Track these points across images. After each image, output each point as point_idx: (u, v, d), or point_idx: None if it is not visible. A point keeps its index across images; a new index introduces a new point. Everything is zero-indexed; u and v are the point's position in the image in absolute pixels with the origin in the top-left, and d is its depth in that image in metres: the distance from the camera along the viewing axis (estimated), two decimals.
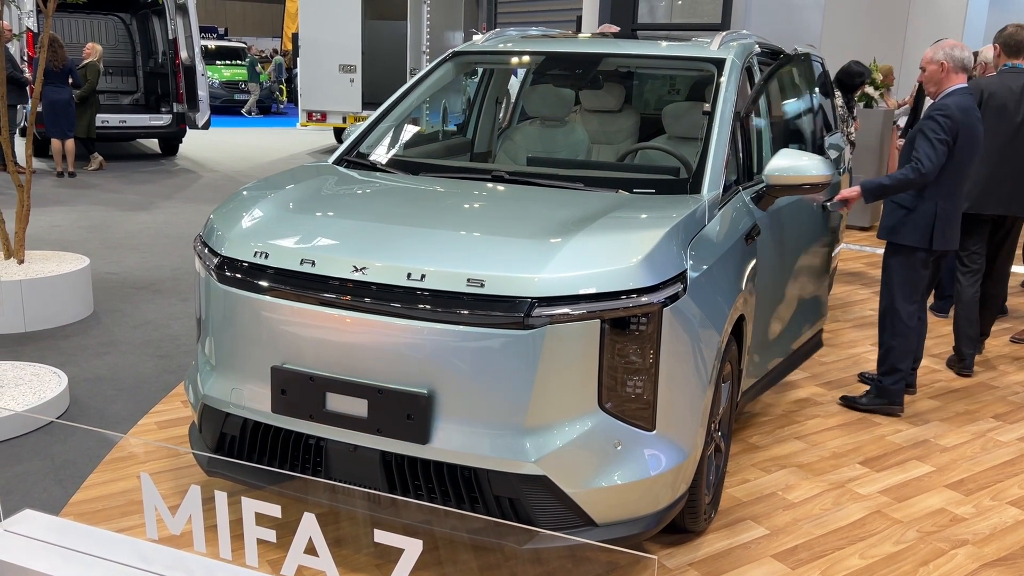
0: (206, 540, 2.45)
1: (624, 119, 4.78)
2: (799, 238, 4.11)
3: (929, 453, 3.89)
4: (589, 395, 2.52)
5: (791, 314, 4.12)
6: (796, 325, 4.23)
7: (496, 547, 2.84)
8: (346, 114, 14.82)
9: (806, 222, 4.22)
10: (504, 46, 4.28)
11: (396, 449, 2.60)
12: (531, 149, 4.58)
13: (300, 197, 3.17)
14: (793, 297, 4.09)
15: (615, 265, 2.52)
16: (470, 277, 2.50)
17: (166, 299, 5.93)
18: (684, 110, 4.35)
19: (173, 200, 9.86)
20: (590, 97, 4.64)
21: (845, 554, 3.07)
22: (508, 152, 4.69)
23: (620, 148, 4.72)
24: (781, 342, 4.02)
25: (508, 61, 4.60)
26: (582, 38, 4.84)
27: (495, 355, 2.47)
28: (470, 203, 3.18)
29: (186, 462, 3.54)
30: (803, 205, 4.08)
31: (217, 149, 14.76)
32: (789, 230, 3.90)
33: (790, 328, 4.13)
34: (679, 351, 2.62)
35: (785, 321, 4.04)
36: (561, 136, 4.64)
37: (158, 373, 4.57)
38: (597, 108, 4.70)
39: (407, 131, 4.32)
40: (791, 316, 4.13)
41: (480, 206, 3.15)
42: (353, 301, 2.58)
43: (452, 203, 3.17)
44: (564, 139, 4.62)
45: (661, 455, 2.63)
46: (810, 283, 4.41)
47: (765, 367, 3.83)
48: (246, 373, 2.79)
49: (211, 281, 2.86)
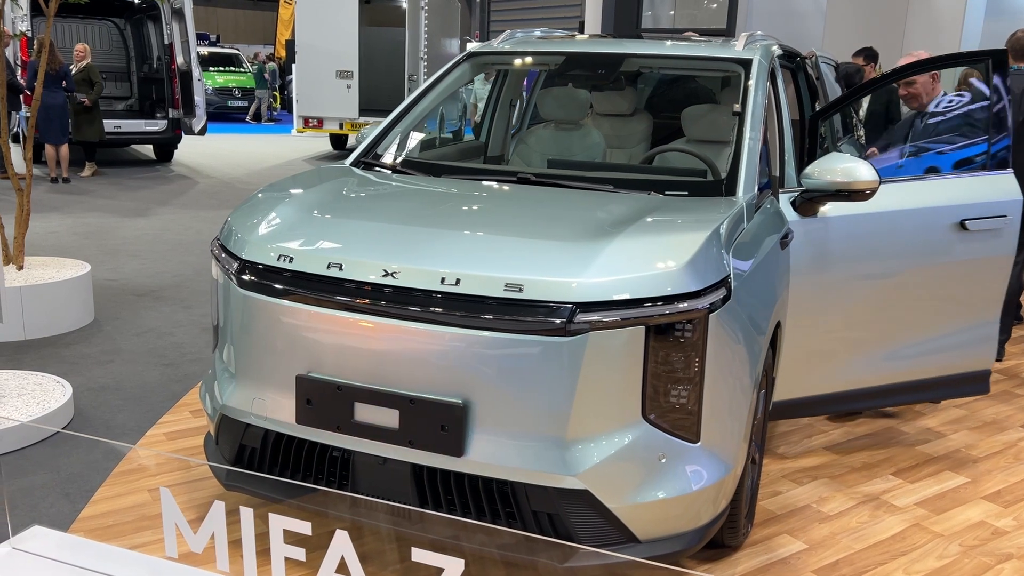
0: (229, 559, 2.31)
1: (637, 123, 4.69)
2: (907, 253, 3.60)
3: (962, 464, 3.79)
4: (632, 405, 2.41)
5: (887, 336, 3.65)
6: (906, 350, 3.69)
7: (532, 565, 2.71)
8: (343, 120, 14.72)
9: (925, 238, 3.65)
10: (522, 47, 4.18)
11: (429, 462, 2.48)
12: (546, 152, 4.48)
13: (322, 199, 3.05)
14: (894, 318, 3.62)
15: (659, 269, 2.41)
16: (508, 282, 2.38)
17: (168, 306, 5.79)
18: (704, 113, 4.25)
19: (170, 206, 9.72)
20: (602, 100, 4.54)
21: (888, 570, 2.96)
22: (522, 155, 4.59)
23: (633, 152, 4.63)
24: (859, 364, 3.63)
25: (526, 62, 4.50)
26: (600, 39, 4.74)
27: (534, 363, 2.36)
28: (500, 205, 3.06)
29: (199, 475, 3.41)
30: (925, 219, 3.58)
31: (212, 156, 14.61)
32: (887, 241, 3.55)
33: (886, 351, 3.66)
34: (724, 359, 2.51)
35: (869, 342, 3.63)
36: (576, 139, 4.54)
37: (164, 382, 4.43)
38: (610, 112, 4.60)
39: (422, 134, 4.21)
40: (889, 338, 3.66)
41: (511, 208, 3.03)
42: (383, 307, 2.46)
43: (482, 205, 3.06)
44: (580, 142, 4.52)
45: (705, 469, 2.51)
46: (935, 307, 3.69)
47: (821, 384, 3.59)
48: (269, 382, 2.67)
49: (231, 286, 2.73)
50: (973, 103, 4.16)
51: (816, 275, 3.39)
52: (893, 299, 3.57)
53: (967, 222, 3.53)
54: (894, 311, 3.56)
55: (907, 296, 3.58)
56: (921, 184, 3.67)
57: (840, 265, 3.46)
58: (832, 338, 3.52)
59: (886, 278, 3.55)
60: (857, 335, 3.56)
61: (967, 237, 3.55)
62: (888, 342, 3.59)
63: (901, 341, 3.61)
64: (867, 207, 3.38)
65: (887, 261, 3.54)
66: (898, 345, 3.60)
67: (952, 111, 4.25)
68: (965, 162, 4.00)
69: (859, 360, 3.58)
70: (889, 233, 3.52)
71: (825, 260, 3.43)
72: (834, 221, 3.41)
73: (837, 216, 3.41)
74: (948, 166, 4.07)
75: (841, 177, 3.19)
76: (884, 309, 3.55)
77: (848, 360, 3.54)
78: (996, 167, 3.68)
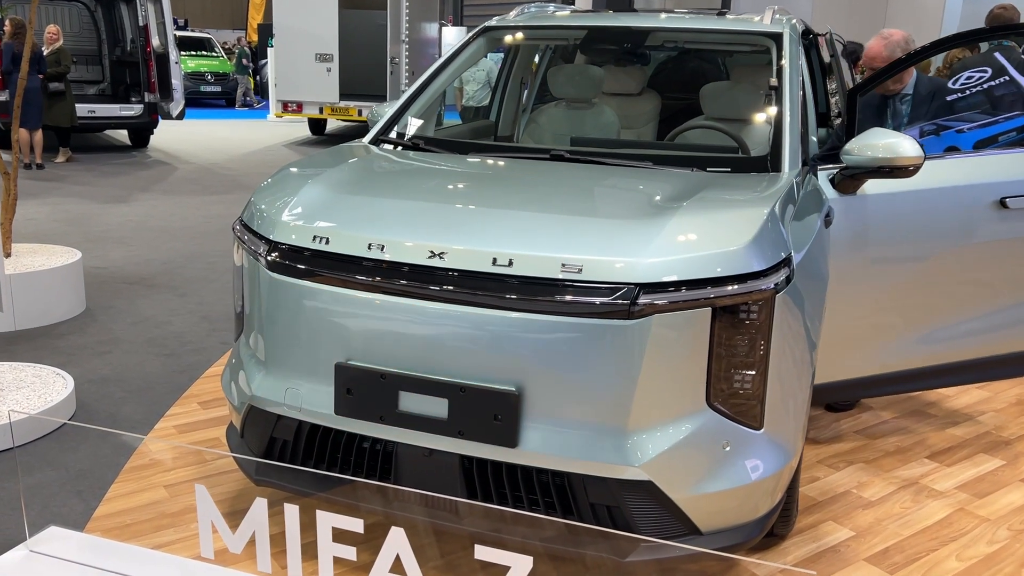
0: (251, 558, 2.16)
1: (645, 102, 4.57)
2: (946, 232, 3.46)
3: (995, 446, 3.73)
4: (697, 391, 2.29)
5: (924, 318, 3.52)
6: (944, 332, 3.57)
7: (591, 560, 2.59)
8: (323, 104, 14.46)
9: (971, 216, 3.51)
10: (538, 21, 4.03)
11: (479, 453, 2.35)
12: (558, 132, 4.34)
13: (353, 177, 2.89)
14: (932, 300, 3.50)
15: (723, 248, 2.29)
16: (565, 262, 2.24)
17: (162, 294, 5.58)
18: (723, 90, 4.14)
19: (151, 192, 9.45)
20: (610, 80, 4.40)
21: (940, 556, 2.88)
22: (533, 135, 4.45)
23: (642, 132, 4.51)
24: (895, 346, 3.49)
25: (544, 36, 4.35)
26: (620, 13, 4.60)
27: (594, 348, 2.23)
28: (544, 183, 2.92)
29: (215, 469, 3.25)
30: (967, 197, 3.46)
31: (189, 141, 14.28)
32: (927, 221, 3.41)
33: (928, 331, 3.53)
34: (787, 342, 2.40)
35: (915, 321, 3.50)
36: (590, 118, 4.40)
37: (167, 373, 4.25)
38: (618, 91, 4.47)
39: (433, 111, 4.06)
40: (932, 318, 3.53)
41: (556, 186, 2.89)
42: (430, 290, 2.31)
43: (524, 183, 2.91)
44: (593, 121, 4.38)
45: (767, 457, 2.40)
46: (974, 288, 3.57)
47: (858, 367, 3.45)
48: (303, 371, 2.51)
49: (260, 270, 2.57)
50: (994, 79, 4.05)
51: (855, 255, 3.29)
52: (931, 280, 3.48)
53: (1008, 200, 3.44)
54: (932, 292, 3.48)
55: (945, 277, 3.49)
56: (959, 161, 3.58)
57: (878, 244, 3.36)
58: (868, 321, 3.43)
59: (924, 258, 3.45)
60: (894, 317, 3.47)
61: (1008, 216, 3.46)
62: (925, 324, 3.51)
63: (939, 323, 3.52)
64: (906, 184, 3.28)
65: (925, 241, 3.45)
66: (936, 327, 3.52)
67: (972, 87, 4.15)
68: (991, 140, 3.92)
69: (896, 343, 3.49)
70: (928, 212, 3.43)
71: (864, 239, 3.33)
72: (873, 199, 3.31)
73: (876, 194, 3.31)
74: (969, 145, 3.98)
75: (883, 153, 3.07)
76: (922, 290, 3.46)
77: (884, 343, 3.45)
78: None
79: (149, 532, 2.85)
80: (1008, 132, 3.87)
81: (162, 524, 2.90)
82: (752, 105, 3.98)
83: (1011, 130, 3.86)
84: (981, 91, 4.16)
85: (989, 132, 3.96)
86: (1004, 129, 3.87)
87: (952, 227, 3.47)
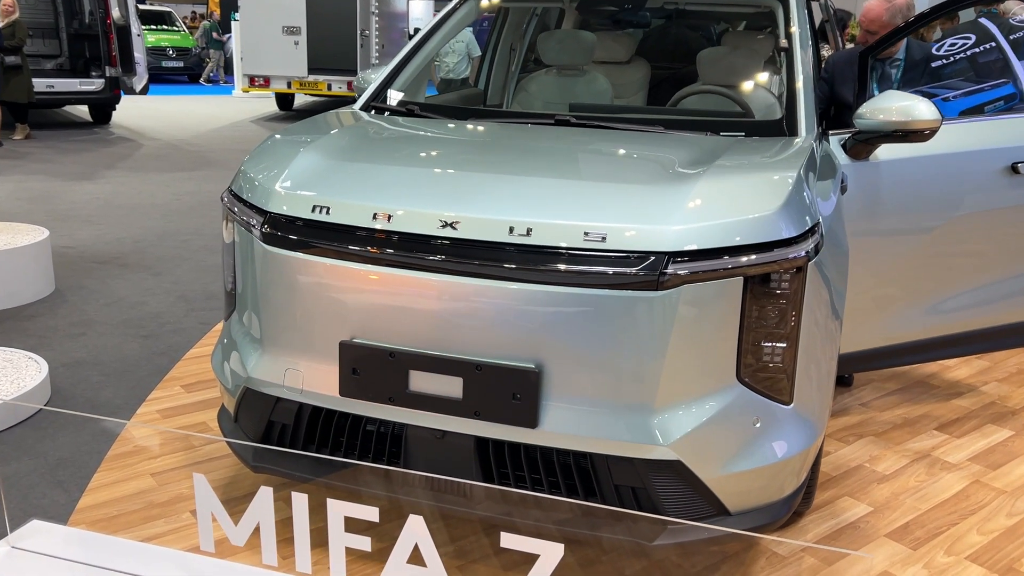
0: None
1: (634, 70, 4.44)
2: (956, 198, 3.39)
3: (1002, 417, 3.68)
4: (727, 365, 2.17)
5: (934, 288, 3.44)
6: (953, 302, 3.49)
7: (612, 543, 2.48)
8: (291, 79, 14.10)
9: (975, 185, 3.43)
10: None
11: (497, 434, 2.21)
12: (549, 99, 4.19)
13: (352, 143, 2.72)
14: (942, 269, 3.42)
15: (754, 213, 2.16)
16: (588, 230, 2.10)
17: (135, 274, 5.36)
18: (722, 55, 4.01)
19: (117, 170, 9.13)
20: (599, 47, 4.25)
21: (961, 530, 2.81)
22: (523, 104, 4.29)
23: (633, 100, 4.38)
24: (906, 316, 3.41)
25: None
26: None
27: (619, 321, 2.09)
28: (556, 147, 2.77)
29: (205, 454, 3.08)
30: (969, 165, 3.37)
31: (152, 117, 13.88)
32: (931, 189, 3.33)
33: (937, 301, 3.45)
34: (817, 312, 2.29)
35: (925, 293, 3.42)
36: (582, 85, 4.25)
37: (146, 355, 4.05)
38: (606, 59, 4.33)
39: (424, 77, 3.88)
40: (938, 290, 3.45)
41: (570, 151, 2.74)
42: (443, 262, 2.16)
43: (536, 148, 2.76)
44: (585, 88, 4.24)
45: (796, 433, 2.29)
46: (985, 256, 3.47)
47: (867, 339, 3.36)
48: (304, 350, 2.36)
49: (254, 243, 2.40)
50: (978, 46, 3.94)
51: (867, 222, 3.19)
52: (941, 248, 3.39)
53: (1019, 165, 3.36)
54: (941, 261, 3.39)
55: (956, 245, 3.40)
56: (968, 126, 3.49)
57: (890, 211, 3.27)
58: (878, 291, 3.34)
59: (935, 226, 3.36)
60: (904, 287, 3.38)
61: (1019, 181, 3.38)
62: (935, 294, 3.42)
63: (948, 293, 3.44)
64: (917, 150, 3.19)
65: (936, 207, 3.36)
66: (945, 297, 3.44)
67: (956, 54, 4.03)
68: (977, 109, 3.82)
69: (906, 313, 3.40)
70: (938, 178, 3.34)
71: (876, 206, 3.23)
72: (885, 165, 3.21)
73: (888, 160, 3.21)
74: (955, 113, 3.89)
75: (897, 116, 2.96)
76: (931, 259, 3.37)
77: (895, 313, 3.36)
78: None
79: (138, 524, 2.69)
80: (995, 101, 3.78)
81: (151, 515, 2.74)
82: (753, 69, 3.86)
83: (998, 99, 3.77)
84: (965, 58, 4.06)
85: (975, 101, 3.86)
86: (990, 98, 3.78)
87: (962, 194, 3.39)
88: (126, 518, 2.71)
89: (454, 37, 6.07)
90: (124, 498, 2.83)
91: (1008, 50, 3.87)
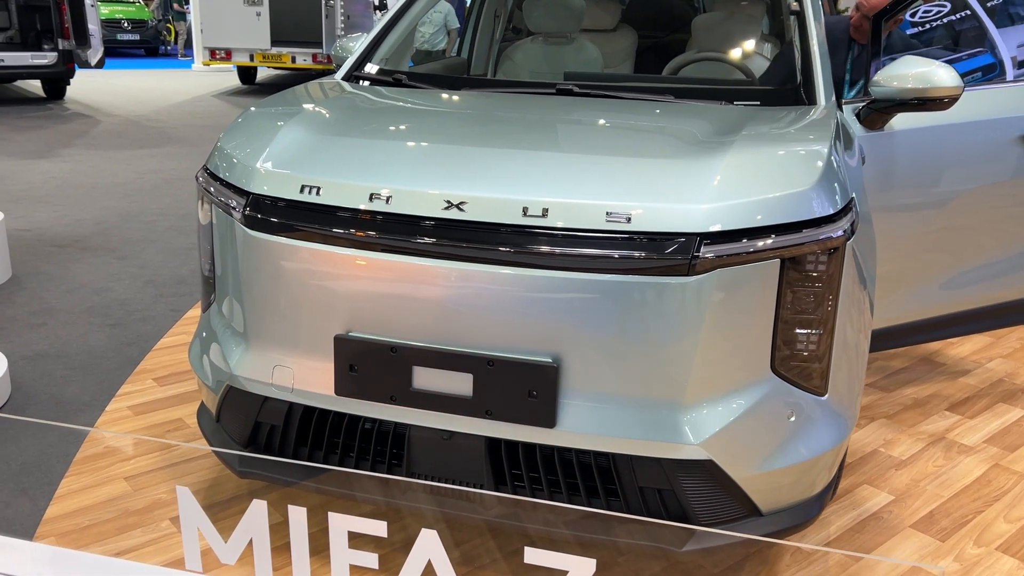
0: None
1: (621, 39, 4.25)
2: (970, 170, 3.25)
3: (1012, 395, 3.57)
4: (762, 356, 2.00)
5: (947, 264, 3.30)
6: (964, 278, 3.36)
7: (654, 552, 2.31)
8: (253, 51, 13.67)
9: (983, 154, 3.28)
10: None
11: (512, 435, 2.02)
12: (536, 69, 3.99)
13: (340, 116, 2.49)
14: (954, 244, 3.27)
15: (790, 189, 1.98)
16: (611, 210, 1.91)
17: (98, 257, 5.07)
18: (718, 21, 3.82)
19: (74, 147, 8.74)
20: (585, 15, 4.05)
21: (988, 518, 2.68)
22: (508, 73, 4.09)
23: (620, 69, 4.19)
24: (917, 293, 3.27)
25: None
26: None
27: (646, 310, 1.91)
28: (565, 119, 2.56)
29: (183, 455, 2.86)
30: (974, 135, 3.21)
31: (109, 92, 13.38)
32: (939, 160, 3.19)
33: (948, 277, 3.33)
34: (852, 296, 2.13)
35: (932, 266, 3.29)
36: (570, 54, 4.05)
37: (114, 346, 3.80)
38: (592, 27, 4.13)
39: (408, 45, 3.65)
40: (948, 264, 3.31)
41: (580, 123, 2.53)
42: (449, 247, 1.95)
43: (543, 120, 2.54)
44: (574, 57, 4.04)
45: (830, 426, 2.13)
46: (996, 230, 3.33)
47: (880, 318, 3.17)
48: (295, 346, 2.14)
49: (235, 227, 2.17)
50: (954, 13, 3.78)
51: (882, 195, 3.03)
52: (954, 222, 3.25)
53: None
54: (958, 235, 3.25)
55: (968, 218, 3.26)
56: (979, 93, 3.33)
57: (904, 184, 3.11)
58: (893, 267, 3.19)
59: (949, 198, 3.22)
60: (920, 262, 3.23)
61: None
62: (952, 269, 3.28)
63: (965, 267, 3.31)
64: (932, 119, 3.03)
65: (950, 179, 3.21)
66: (962, 271, 3.30)
67: (932, 21, 3.88)
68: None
69: (916, 291, 3.26)
70: (952, 148, 3.18)
71: (890, 178, 3.07)
72: (900, 135, 3.05)
73: (902, 130, 3.05)
74: None
75: (915, 83, 2.78)
76: (948, 232, 3.23)
77: (905, 292, 3.22)
78: None
79: (113, 535, 2.46)
80: (973, 72, 3.63)
81: (127, 524, 2.52)
82: (752, 35, 3.68)
83: (974, 70, 3.63)
84: (941, 25, 3.91)
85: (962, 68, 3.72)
86: (968, 69, 3.63)
87: (976, 165, 3.24)
88: (99, 529, 2.49)
89: (433, 7, 5.78)
90: (96, 506, 2.60)
91: (984, 17, 3.71)
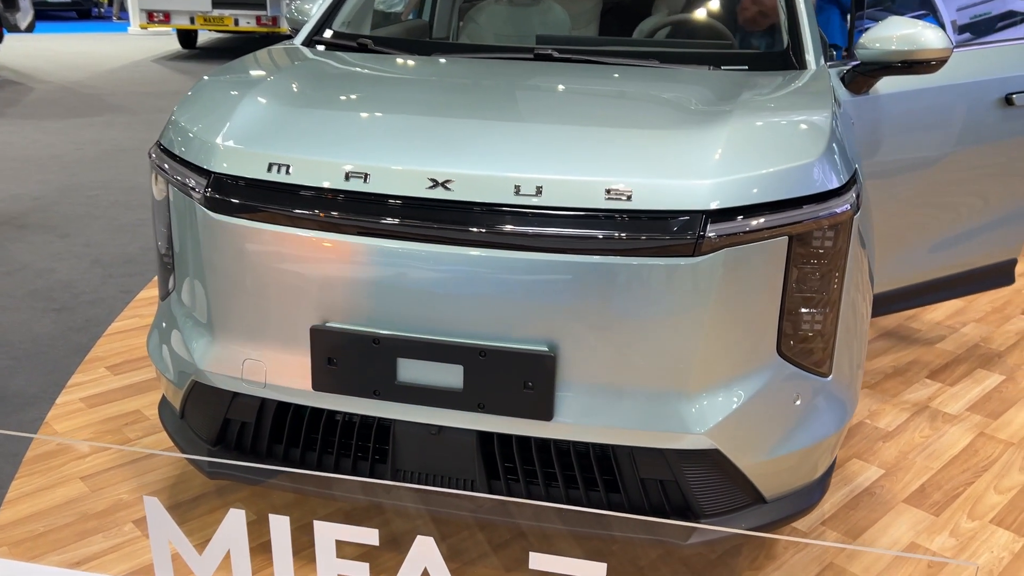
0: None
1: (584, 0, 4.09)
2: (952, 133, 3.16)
3: (989, 360, 3.55)
4: (767, 339, 1.90)
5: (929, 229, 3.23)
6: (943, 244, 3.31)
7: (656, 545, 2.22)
8: (194, 14, 13.11)
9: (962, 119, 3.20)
10: None
11: (506, 429, 1.90)
12: (501, 32, 3.81)
13: (306, 86, 2.30)
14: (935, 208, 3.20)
15: (797, 161, 1.87)
16: (610, 187, 1.78)
17: (38, 235, 4.79)
18: None
19: (6, 117, 8.29)
20: None
21: (978, 490, 2.65)
22: (472, 37, 3.90)
23: (587, 32, 4.03)
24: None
25: None
26: None
27: (649, 294, 1.79)
28: (550, 87, 2.40)
29: (142, 448, 2.69)
30: (954, 98, 3.13)
31: (41, 57, 12.74)
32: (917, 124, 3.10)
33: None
34: (856, 272, 2.03)
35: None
36: (536, 16, 3.87)
37: (61, 332, 3.57)
38: None
39: (368, 7, 3.44)
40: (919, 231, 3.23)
41: (567, 91, 2.38)
42: (435, 229, 1.80)
43: (528, 87, 2.38)
44: (540, 19, 3.86)
45: (834, 408, 2.05)
46: (974, 194, 3.30)
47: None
48: (266, 338, 1.98)
49: (196, 210, 1.99)
50: None
51: (869, 161, 2.95)
52: (935, 187, 3.19)
53: (1014, 96, 3.16)
54: (943, 199, 3.19)
55: (949, 183, 3.20)
56: (961, 55, 3.25)
57: (893, 148, 3.03)
58: (884, 232, 3.12)
59: (931, 163, 3.15)
60: (899, 230, 3.17)
61: (1013, 114, 3.18)
62: (939, 233, 3.23)
63: (951, 231, 3.25)
64: (917, 82, 2.95)
65: (932, 143, 3.14)
66: (948, 236, 3.25)
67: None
68: None
69: (911, 254, 3.20)
70: (935, 111, 3.11)
71: (875, 144, 2.99)
72: (884, 99, 2.96)
73: (887, 93, 2.96)
74: None
75: (899, 45, 2.68)
76: (934, 196, 3.17)
77: (900, 255, 3.16)
78: None
79: (72, 542, 2.29)
80: None
81: (87, 529, 2.34)
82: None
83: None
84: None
85: None
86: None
87: (957, 127, 3.18)
88: (55, 536, 2.31)
89: None
90: (51, 510, 2.42)
91: None
